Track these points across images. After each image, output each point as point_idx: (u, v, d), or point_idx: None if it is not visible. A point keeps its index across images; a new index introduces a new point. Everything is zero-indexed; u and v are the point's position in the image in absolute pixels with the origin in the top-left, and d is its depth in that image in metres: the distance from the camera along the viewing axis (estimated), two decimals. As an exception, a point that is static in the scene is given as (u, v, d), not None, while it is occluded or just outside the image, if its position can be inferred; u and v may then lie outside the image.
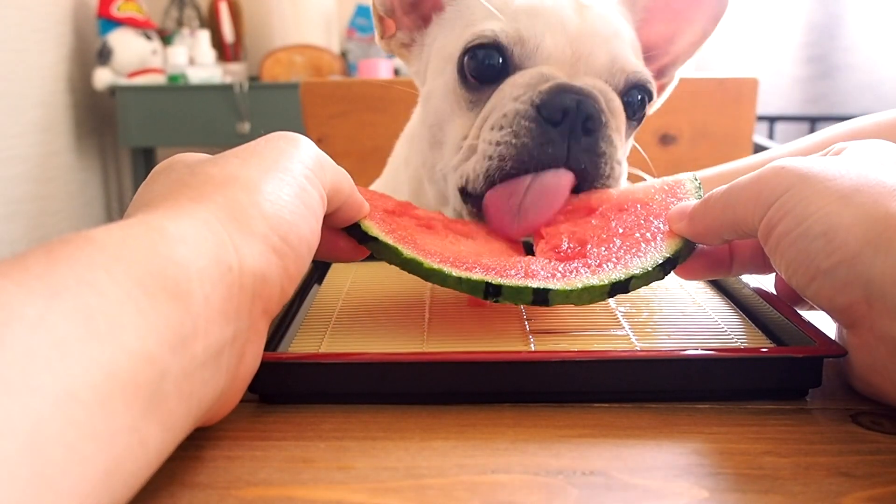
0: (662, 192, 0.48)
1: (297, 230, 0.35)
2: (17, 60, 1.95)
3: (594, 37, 0.53)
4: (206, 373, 0.29)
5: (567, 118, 0.49)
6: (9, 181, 1.92)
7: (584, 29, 0.53)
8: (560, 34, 0.53)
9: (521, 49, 0.53)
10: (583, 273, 0.41)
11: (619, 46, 0.55)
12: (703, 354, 0.38)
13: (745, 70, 2.25)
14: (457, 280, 0.40)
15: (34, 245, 0.26)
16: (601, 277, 0.40)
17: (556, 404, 0.38)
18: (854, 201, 0.35)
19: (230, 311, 0.31)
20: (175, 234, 0.29)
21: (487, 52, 0.53)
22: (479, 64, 0.53)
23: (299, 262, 0.35)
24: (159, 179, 0.35)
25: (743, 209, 0.39)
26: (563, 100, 0.49)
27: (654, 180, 0.50)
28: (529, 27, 0.53)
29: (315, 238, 0.37)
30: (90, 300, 0.24)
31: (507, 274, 0.41)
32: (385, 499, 0.29)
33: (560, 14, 0.54)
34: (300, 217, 0.35)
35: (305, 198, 0.36)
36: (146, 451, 0.25)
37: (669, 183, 0.49)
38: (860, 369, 0.37)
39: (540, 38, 0.52)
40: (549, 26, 0.53)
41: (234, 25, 2.42)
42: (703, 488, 0.30)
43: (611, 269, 0.41)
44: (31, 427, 0.20)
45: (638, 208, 0.47)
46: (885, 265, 0.33)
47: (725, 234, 0.41)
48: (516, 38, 0.52)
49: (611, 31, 0.55)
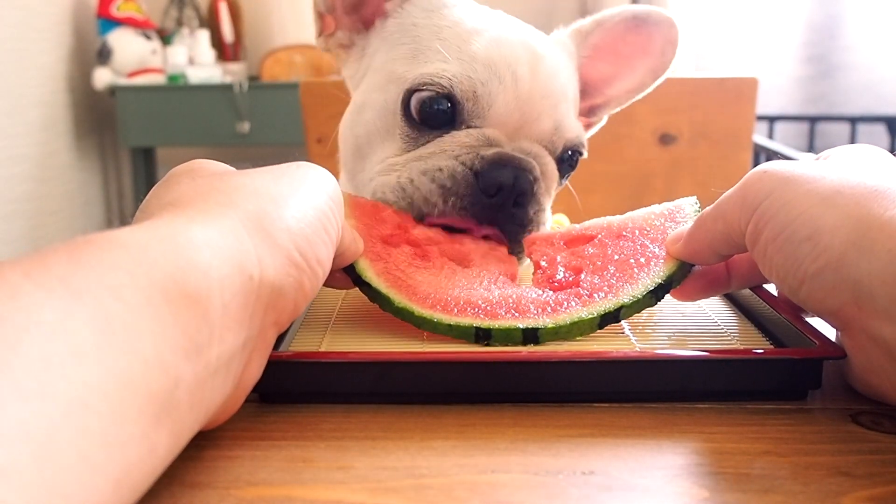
0: (661, 217, 0.48)
1: (317, 250, 0.36)
2: (17, 60, 1.95)
3: (543, 100, 0.54)
4: (217, 380, 0.29)
5: (501, 193, 0.51)
6: (8, 181, 1.92)
7: (534, 90, 0.53)
8: (511, 95, 0.52)
9: (472, 105, 0.52)
10: (573, 306, 0.42)
11: (563, 111, 0.55)
12: (703, 355, 0.38)
13: (745, 70, 2.25)
14: (447, 327, 0.41)
15: (33, 245, 0.26)
16: (591, 310, 0.41)
17: (556, 404, 0.38)
18: (835, 202, 0.35)
19: (245, 318, 0.31)
20: (201, 238, 0.29)
21: (437, 101, 0.52)
22: (428, 108, 0.52)
23: (314, 281, 0.36)
24: (182, 181, 0.35)
25: (730, 216, 0.39)
26: (502, 175, 0.50)
27: (654, 206, 0.50)
28: (485, 83, 0.52)
29: (329, 262, 0.38)
30: (110, 306, 0.24)
31: (497, 314, 0.41)
32: (385, 499, 0.29)
33: (515, 70, 0.53)
34: (321, 239, 0.36)
35: (326, 223, 0.37)
36: (155, 459, 0.25)
37: (670, 208, 0.49)
38: (858, 370, 0.37)
39: (493, 97, 0.52)
40: (503, 85, 0.52)
41: (234, 25, 2.42)
42: (703, 488, 0.30)
43: (602, 298, 0.42)
44: (44, 434, 0.20)
45: (636, 234, 0.47)
46: (870, 266, 0.33)
47: (720, 248, 0.41)
48: (470, 95, 0.52)
49: (559, 92, 0.55)
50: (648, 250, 0.45)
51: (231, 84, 2.14)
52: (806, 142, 2.36)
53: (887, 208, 0.33)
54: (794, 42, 2.39)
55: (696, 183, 1.20)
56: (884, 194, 0.34)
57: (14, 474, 0.19)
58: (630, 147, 1.20)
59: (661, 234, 0.46)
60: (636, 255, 0.45)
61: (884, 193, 0.34)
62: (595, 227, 0.50)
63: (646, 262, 0.44)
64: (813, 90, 2.40)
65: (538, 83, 0.54)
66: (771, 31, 2.38)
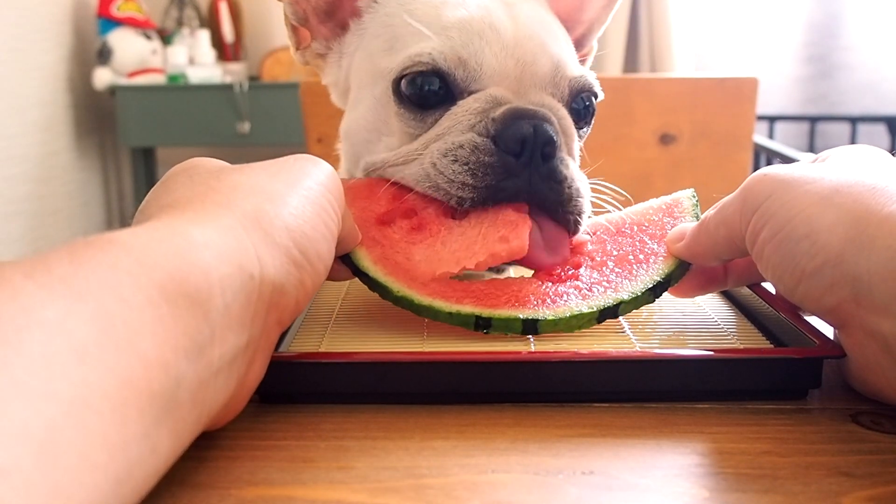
0: (660, 213, 0.48)
1: (317, 246, 0.35)
2: (17, 60, 1.95)
3: (532, 40, 0.51)
4: (219, 380, 0.29)
5: (525, 147, 0.47)
6: (9, 181, 1.92)
7: (520, 33, 0.51)
8: (498, 46, 0.50)
9: (463, 72, 0.50)
10: (573, 299, 0.42)
11: (557, 48, 0.52)
12: (703, 355, 0.38)
13: (745, 70, 2.25)
14: (448, 315, 0.41)
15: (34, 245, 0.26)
16: (590, 304, 0.41)
17: (556, 404, 0.38)
18: (834, 202, 0.35)
19: (247, 318, 0.31)
20: (200, 239, 0.29)
21: (427, 79, 0.50)
22: (419, 90, 0.50)
23: (315, 278, 0.36)
24: (179, 181, 0.35)
25: (731, 220, 0.40)
26: (520, 128, 0.47)
27: (652, 200, 0.50)
28: (466, 45, 0.50)
29: (330, 258, 0.38)
30: (111, 306, 0.24)
31: (498, 303, 0.41)
32: (385, 499, 0.29)
33: (493, 22, 0.51)
34: (320, 235, 0.36)
35: (325, 218, 0.37)
36: (156, 459, 0.25)
37: (667, 202, 0.49)
38: (856, 368, 0.37)
39: (480, 55, 0.50)
40: (485, 39, 0.50)
41: (234, 25, 2.42)
42: (703, 488, 0.30)
43: (601, 293, 0.42)
44: (45, 434, 0.20)
45: (634, 230, 0.47)
46: (869, 262, 0.33)
47: (722, 252, 0.42)
48: (456, 61, 0.49)
49: (545, 29, 0.53)
50: (647, 247, 0.45)
51: (231, 84, 2.14)
52: (806, 142, 2.36)
53: (885, 205, 0.34)
54: (794, 42, 2.39)
55: (696, 183, 1.20)
56: (882, 191, 0.34)
57: (15, 474, 0.19)
58: (630, 147, 1.20)
59: (659, 231, 0.46)
60: (635, 251, 0.45)
61: (882, 191, 0.34)
62: (594, 223, 0.50)
63: (645, 258, 0.44)
64: (813, 90, 2.40)
65: (521, 26, 0.51)
66: (771, 31, 2.39)
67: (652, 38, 2.27)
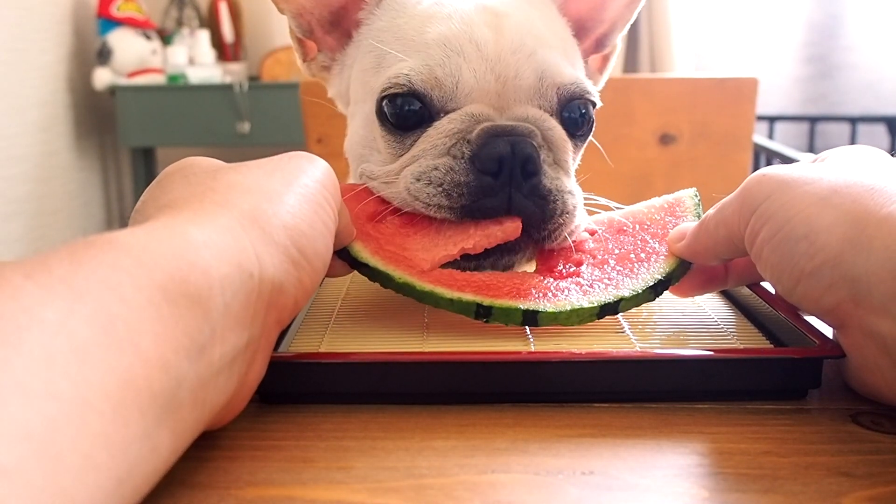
0: (662, 211, 0.48)
1: (315, 244, 0.35)
2: (17, 60, 1.95)
3: (516, 53, 0.49)
4: (220, 380, 0.29)
5: (504, 166, 0.45)
6: (8, 181, 1.92)
7: (502, 45, 0.49)
8: (477, 61, 0.48)
9: (439, 92, 0.48)
10: (574, 294, 0.42)
11: (545, 56, 0.50)
12: (703, 355, 0.38)
13: (745, 70, 2.25)
14: (449, 301, 0.41)
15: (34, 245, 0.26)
16: (591, 299, 0.41)
17: (556, 404, 0.38)
18: (832, 202, 0.35)
19: (247, 318, 0.31)
20: (199, 238, 0.29)
21: (406, 100, 0.49)
22: (399, 111, 0.49)
23: (314, 276, 0.36)
24: (175, 181, 0.35)
25: (731, 220, 0.40)
26: (497, 146, 0.45)
27: (654, 199, 0.50)
28: (443, 63, 0.48)
29: (328, 255, 0.38)
30: (111, 306, 0.24)
31: (499, 293, 0.41)
32: (385, 499, 0.29)
33: (473, 35, 0.49)
34: (318, 232, 0.36)
35: (323, 215, 0.37)
36: (157, 459, 0.25)
37: (669, 201, 0.49)
38: (854, 368, 0.37)
39: (457, 73, 0.48)
40: (464, 56, 0.48)
41: (234, 25, 2.42)
42: (703, 488, 0.30)
43: (602, 290, 0.42)
44: (45, 433, 0.20)
45: (636, 228, 0.47)
46: (867, 262, 0.33)
47: (722, 252, 0.42)
48: (432, 82, 0.48)
49: (532, 39, 0.50)
50: (648, 245, 0.45)
51: (231, 84, 2.14)
52: (806, 142, 2.37)
53: (884, 205, 0.34)
54: (794, 42, 2.39)
55: (696, 183, 1.20)
56: (880, 192, 0.34)
57: (16, 474, 0.19)
58: (630, 147, 1.20)
59: (661, 229, 0.46)
60: (636, 250, 0.45)
61: (880, 191, 0.34)
62: (596, 222, 0.50)
63: (646, 257, 0.44)
64: (813, 90, 2.40)
65: (505, 40, 0.49)
66: (771, 31, 2.39)
67: (652, 39, 2.27)
